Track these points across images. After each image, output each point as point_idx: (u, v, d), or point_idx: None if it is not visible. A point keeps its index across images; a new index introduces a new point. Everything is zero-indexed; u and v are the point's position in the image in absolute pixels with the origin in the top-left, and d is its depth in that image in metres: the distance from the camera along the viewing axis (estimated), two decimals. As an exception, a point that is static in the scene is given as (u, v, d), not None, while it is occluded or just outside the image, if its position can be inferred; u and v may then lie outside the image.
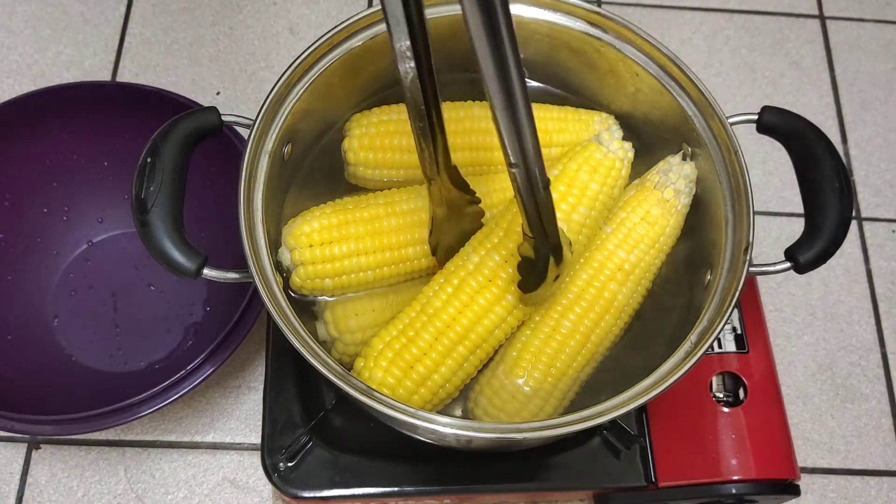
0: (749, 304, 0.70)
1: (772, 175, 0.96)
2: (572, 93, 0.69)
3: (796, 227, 0.56)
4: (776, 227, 0.93)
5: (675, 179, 0.60)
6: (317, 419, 0.65)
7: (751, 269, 0.54)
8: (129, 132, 0.78)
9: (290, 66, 0.59)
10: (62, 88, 0.75)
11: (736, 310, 0.69)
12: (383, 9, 0.43)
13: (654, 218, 0.60)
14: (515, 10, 0.63)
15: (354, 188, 0.65)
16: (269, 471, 0.63)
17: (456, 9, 0.62)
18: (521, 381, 0.57)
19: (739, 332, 0.68)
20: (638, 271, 0.59)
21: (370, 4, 1.04)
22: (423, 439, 0.60)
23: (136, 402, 0.65)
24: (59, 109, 0.76)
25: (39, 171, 0.79)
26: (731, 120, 0.59)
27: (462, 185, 0.55)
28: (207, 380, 0.66)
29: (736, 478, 0.63)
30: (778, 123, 0.59)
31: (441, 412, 0.53)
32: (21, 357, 0.64)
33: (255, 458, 0.78)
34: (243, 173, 0.55)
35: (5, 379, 0.63)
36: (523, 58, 0.66)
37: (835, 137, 0.99)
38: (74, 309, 0.79)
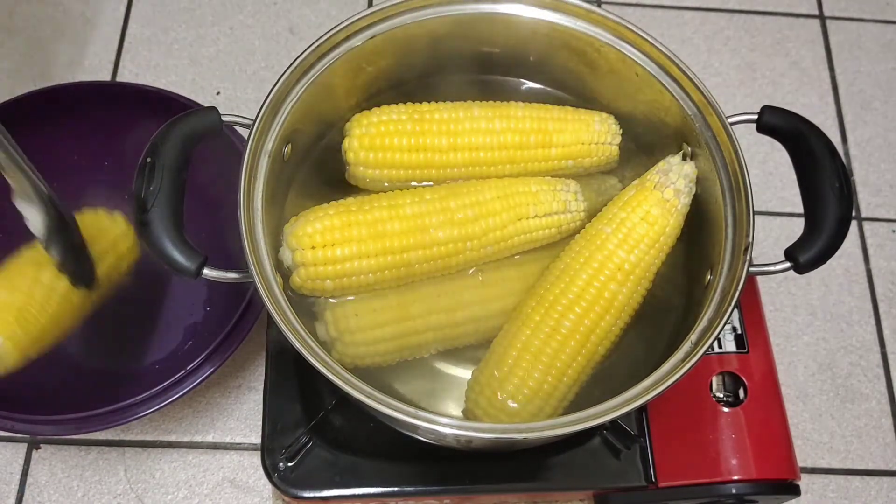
0: (749, 304, 0.70)
1: (772, 175, 0.96)
2: (572, 93, 0.69)
3: (796, 227, 0.56)
4: (776, 227, 0.93)
5: (674, 179, 0.60)
6: (317, 419, 0.65)
7: (751, 269, 0.54)
8: (130, 132, 0.77)
9: (290, 66, 0.59)
10: (61, 89, 0.75)
11: (736, 310, 0.69)
12: None
13: (654, 218, 0.59)
14: (515, 9, 0.63)
15: (355, 189, 0.65)
16: (269, 471, 0.63)
17: (456, 9, 0.62)
18: (520, 382, 0.57)
19: (739, 332, 0.68)
20: (638, 271, 0.59)
21: (370, 4, 1.04)
22: (423, 439, 0.60)
23: (136, 402, 0.65)
24: (59, 110, 0.76)
25: (40, 172, 0.78)
26: (731, 120, 0.59)
27: None
28: (207, 380, 0.66)
29: (736, 478, 0.63)
30: (778, 123, 0.59)
31: (441, 412, 0.53)
32: None
33: (255, 458, 0.78)
34: (243, 173, 0.55)
35: (5, 379, 0.63)
36: (523, 59, 0.67)
37: (835, 137, 0.99)
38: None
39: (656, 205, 0.60)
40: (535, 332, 0.58)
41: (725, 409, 0.65)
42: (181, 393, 0.65)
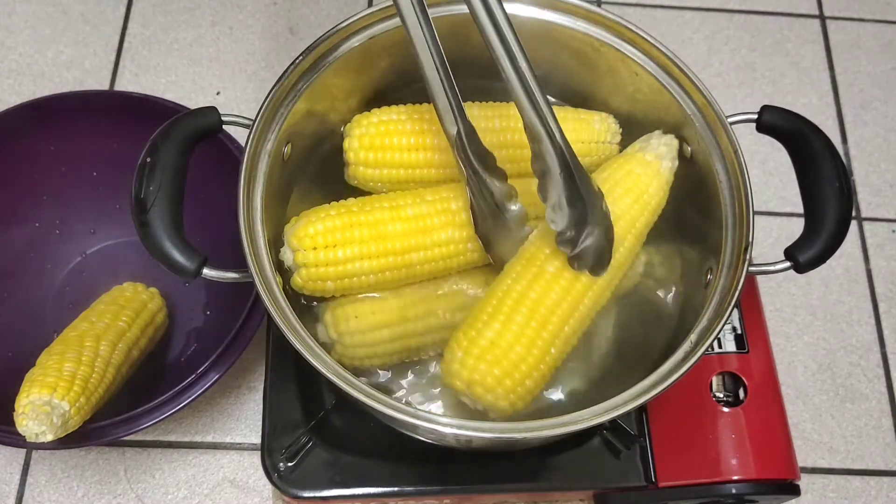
0: (749, 304, 0.70)
1: (772, 175, 0.96)
2: (571, 93, 0.69)
3: (796, 227, 0.56)
4: (776, 227, 0.93)
5: (655, 146, 0.62)
6: (317, 419, 0.65)
7: (751, 268, 0.54)
8: (117, 140, 0.77)
9: (290, 66, 0.59)
10: (46, 101, 0.75)
11: (736, 310, 0.69)
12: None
13: (637, 175, 0.60)
14: (514, 9, 0.63)
15: (355, 190, 0.65)
16: (269, 471, 0.63)
17: (455, 9, 0.62)
18: (500, 326, 0.55)
19: (739, 332, 0.68)
20: (623, 223, 0.59)
21: (370, 4, 1.04)
22: (423, 439, 0.60)
23: (143, 412, 0.65)
24: (44, 123, 0.76)
25: (29, 186, 0.79)
26: (730, 120, 0.59)
27: (496, 173, 0.58)
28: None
29: (736, 478, 0.63)
30: (778, 123, 0.59)
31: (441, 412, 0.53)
32: (22, 373, 0.64)
33: (255, 458, 0.78)
34: (243, 173, 0.55)
35: (7, 395, 0.63)
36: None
37: (835, 137, 0.99)
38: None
39: (639, 164, 0.61)
40: (516, 280, 0.57)
41: (725, 409, 0.65)
42: (190, 399, 0.65)
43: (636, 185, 0.60)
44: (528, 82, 0.53)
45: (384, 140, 0.62)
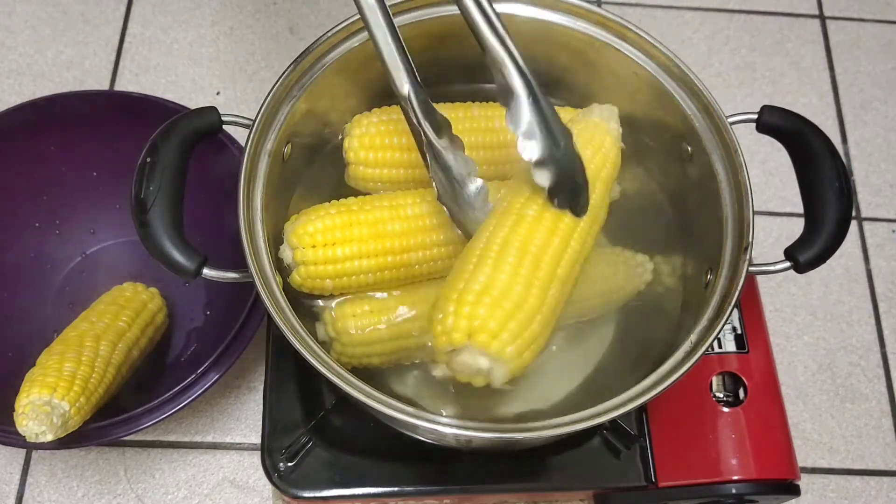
0: (749, 304, 0.70)
1: (772, 175, 0.96)
2: (571, 93, 0.69)
3: (796, 227, 0.56)
4: (776, 227, 0.93)
5: (598, 112, 0.60)
6: (317, 419, 0.65)
7: (751, 268, 0.54)
8: (118, 141, 0.77)
9: (289, 66, 0.59)
10: (46, 101, 0.75)
11: (736, 310, 0.69)
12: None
13: (591, 132, 0.59)
14: (514, 9, 0.63)
15: (355, 190, 0.65)
16: (269, 471, 0.63)
17: (454, 9, 0.62)
18: (491, 269, 0.50)
19: (739, 332, 0.68)
20: (590, 171, 0.56)
21: (370, 4, 1.04)
22: (423, 439, 0.60)
23: (144, 412, 0.65)
24: (45, 122, 0.76)
25: (29, 186, 0.79)
26: (730, 119, 0.59)
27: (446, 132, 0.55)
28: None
29: (736, 478, 0.63)
30: (778, 123, 0.59)
31: (441, 412, 0.53)
32: (22, 373, 0.64)
33: (255, 458, 0.78)
34: (243, 173, 0.55)
35: (7, 395, 0.63)
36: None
37: (835, 137, 0.99)
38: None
39: (587, 125, 0.59)
40: (497, 228, 0.53)
41: (725, 409, 0.65)
42: (190, 399, 0.65)
43: (592, 138, 0.59)
44: (483, 4, 0.52)
45: (384, 140, 0.62)
